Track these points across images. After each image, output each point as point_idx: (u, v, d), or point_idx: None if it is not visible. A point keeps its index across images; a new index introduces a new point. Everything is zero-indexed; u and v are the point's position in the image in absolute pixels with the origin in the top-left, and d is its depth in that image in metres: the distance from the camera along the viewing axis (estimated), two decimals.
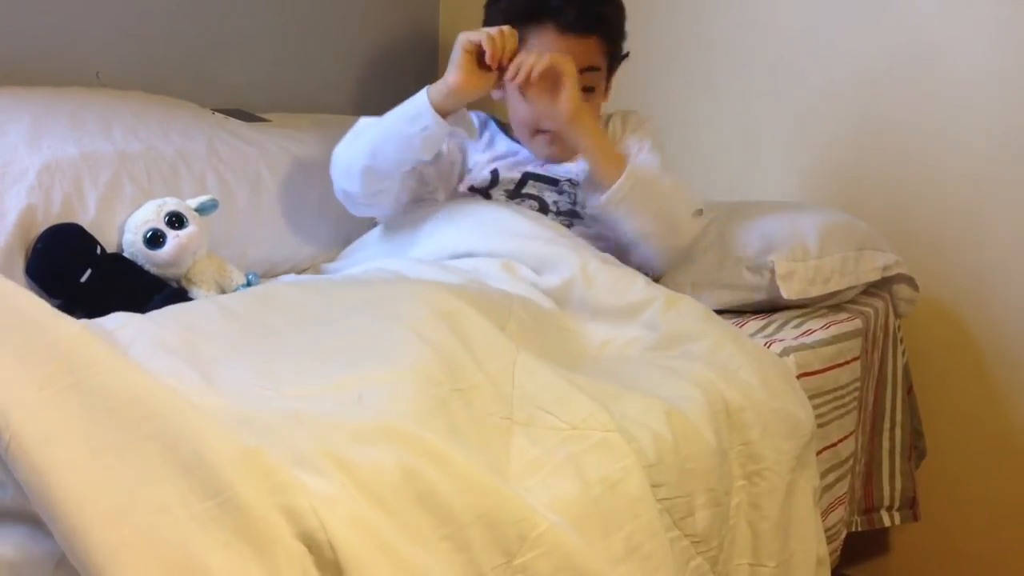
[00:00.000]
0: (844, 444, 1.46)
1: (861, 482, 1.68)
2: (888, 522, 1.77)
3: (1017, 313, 1.85)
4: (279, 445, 0.71)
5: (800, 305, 1.60)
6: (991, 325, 1.88)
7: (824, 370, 1.41)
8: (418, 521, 0.72)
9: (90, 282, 1.29)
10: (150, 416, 0.65)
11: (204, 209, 1.42)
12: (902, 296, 1.80)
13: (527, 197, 1.56)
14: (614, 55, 1.60)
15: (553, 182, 1.56)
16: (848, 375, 1.49)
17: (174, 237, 1.36)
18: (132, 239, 1.36)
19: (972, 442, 1.91)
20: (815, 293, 1.59)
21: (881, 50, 1.92)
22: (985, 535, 1.91)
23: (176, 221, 1.37)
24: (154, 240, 1.36)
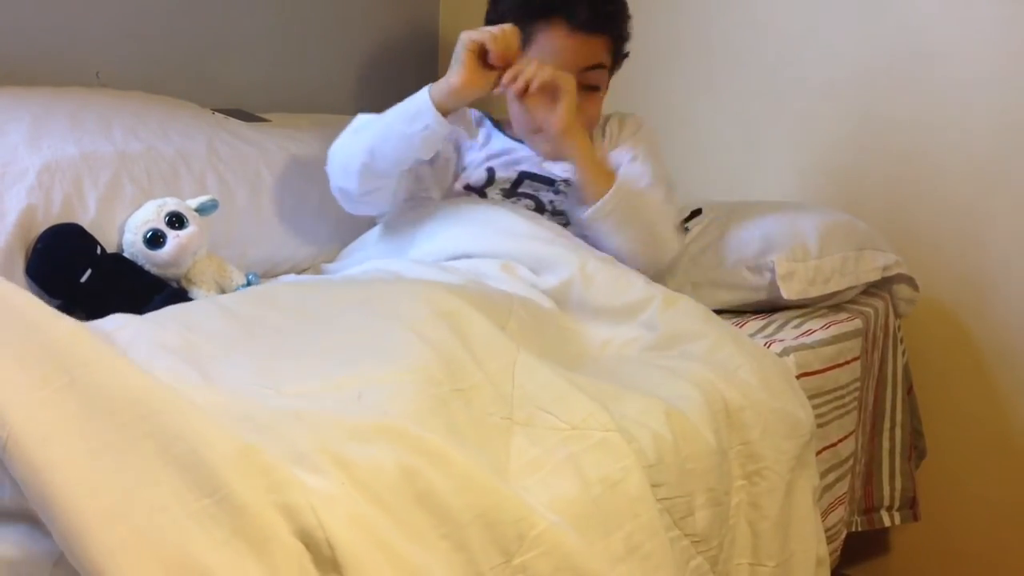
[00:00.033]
0: (844, 444, 1.46)
1: (861, 482, 1.68)
2: (888, 522, 1.77)
3: (1017, 313, 1.85)
4: (278, 442, 0.71)
5: (800, 305, 1.60)
6: (991, 325, 1.88)
7: (824, 370, 1.42)
8: (417, 520, 0.72)
9: (90, 282, 1.28)
10: (147, 415, 0.65)
11: (204, 209, 1.42)
12: (902, 296, 1.80)
13: (523, 196, 1.56)
14: (618, 54, 1.60)
15: (549, 182, 1.56)
16: (848, 375, 1.49)
17: (174, 237, 1.36)
18: (132, 239, 1.36)
19: (972, 442, 1.91)
20: (815, 293, 1.59)
21: (881, 50, 1.92)
22: (985, 535, 1.91)
23: (176, 221, 1.37)
24: (154, 240, 1.35)
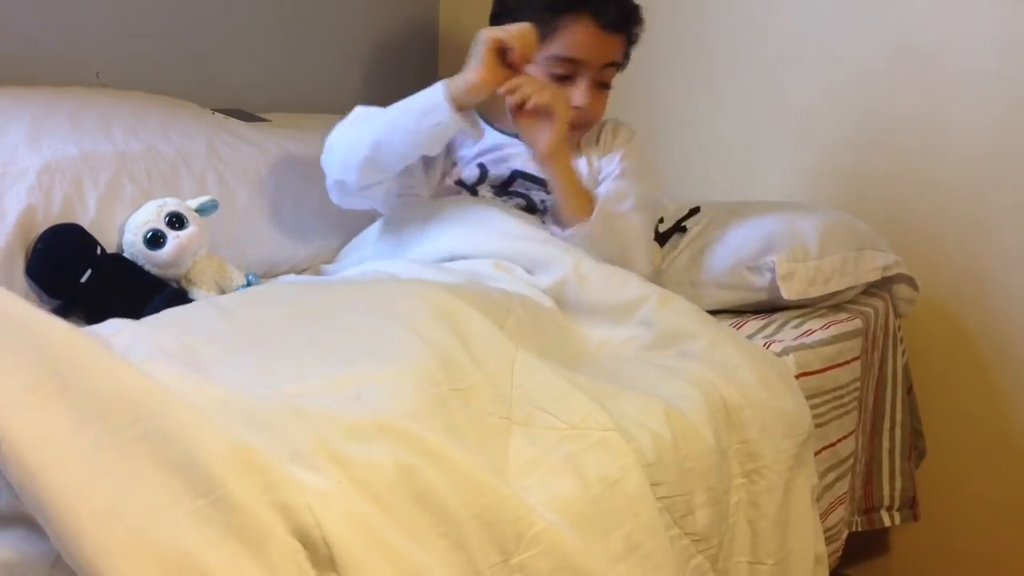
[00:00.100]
0: (844, 444, 1.46)
1: (861, 482, 1.68)
2: (888, 522, 1.77)
3: (1017, 313, 1.85)
4: (276, 440, 0.71)
5: (800, 305, 1.60)
6: (991, 325, 1.88)
7: (824, 370, 1.42)
8: (415, 519, 0.72)
9: (90, 282, 1.28)
10: (141, 417, 0.65)
11: (204, 209, 1.42)
12: (902, 296, 1.80)
13: (514, 195, 1.56)
14: (627, 55, 1.61)
15: (541, 181, 1.55)
16: (848, 375, 1.49)
17: (174, 237, 1.36)
18: (132, 239, 1.36)
19: (972, 442, 1.91)
20: (815, 293, 1.59)
21: (881, 50, 1.92)
22: (985, 535, 1.91)
23: (176, 221, 1.37)
24: (154, 240, 1.35)
